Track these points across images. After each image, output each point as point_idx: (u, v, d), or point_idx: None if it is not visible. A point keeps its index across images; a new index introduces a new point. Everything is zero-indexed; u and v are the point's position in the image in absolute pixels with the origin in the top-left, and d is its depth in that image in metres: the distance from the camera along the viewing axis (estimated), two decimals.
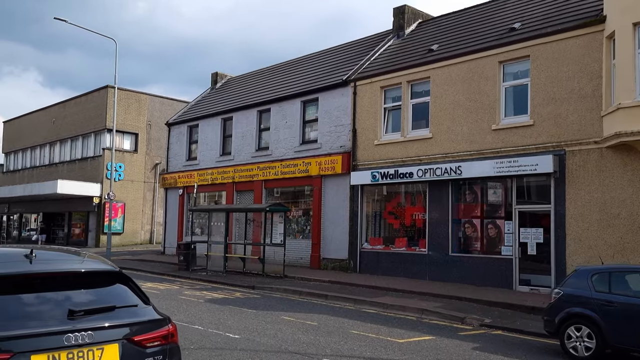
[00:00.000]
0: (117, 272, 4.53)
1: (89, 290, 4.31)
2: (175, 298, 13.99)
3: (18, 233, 46.07)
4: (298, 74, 23.86)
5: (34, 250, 4.46)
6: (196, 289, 16.01)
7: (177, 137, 28.20)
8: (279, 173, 21.94)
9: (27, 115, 47.31)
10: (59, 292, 4.12)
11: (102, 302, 4.13)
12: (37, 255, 4.41)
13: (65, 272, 4.29)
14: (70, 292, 4.18)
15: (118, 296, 4.32)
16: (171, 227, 27.82)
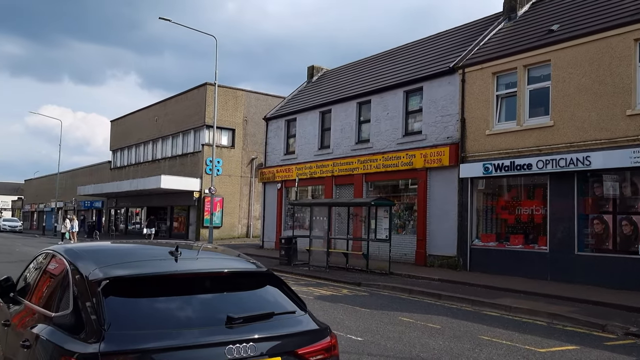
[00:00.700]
0: (268, 272, 4.04)
1: (239, 293, 3.84)
2: None
3: (125, 226, 48.60)
4: (399, 63, 22.98)
5: (179, 247, 4.06)
6: (301, 285, 15.67)
7: (274, 131, 28.23)
8: (380, 166, 21.23)
9: (131, 114, 49.75)
10: (208, 295, 3.68)
11: (258, 308, 3.64)
12: (182, 253, 4.01)
13: (215, 273, 3.84)
14: (221, 294, 3.72)
15: (272, 301, 3.82)
16: (269, 221, 27.92)
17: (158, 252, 4.39)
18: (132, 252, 4.46)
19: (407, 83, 20.72)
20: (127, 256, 4.13)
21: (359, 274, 17.90)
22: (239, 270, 4.03)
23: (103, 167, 55.28)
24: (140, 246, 4.90)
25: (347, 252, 19.25)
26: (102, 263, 3.74)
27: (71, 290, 3.58)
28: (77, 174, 62.34)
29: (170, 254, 3.99)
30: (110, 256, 4.09)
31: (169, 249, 4.15)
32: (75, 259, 3.97)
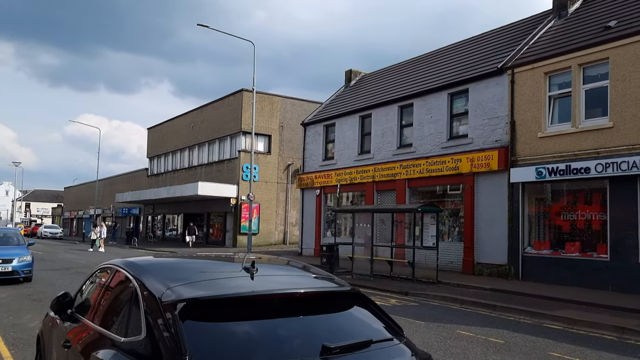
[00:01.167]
0: (356, 291, 3.58)
1: (327, 316, 3.38)
2: None
3: (162, 233, 48.94)
4: (443, 65, 22.34)
5: (255, 262, 3.64)
6: None
7: (312, 136, 27.87)
8: (424, 171, 20.61)
9: (168, 121, 50.17)
10: (293, 318, 3.23)
11: (351, 334, 3.17)
12: (258, 269, 3.58)
13: (300, 293, 3.38)
14: (307, 318, 3.27)
15: (365, 325, 3.35)
16: (308, 228, 27.52)
17: (230, 268, 3.98)
18: (202, 268, 4.05)
19: (452, 85, 20.07)
20: (198, 273, 3.73)
21: (405, 282, 17.31)
22: (327, 290, 3.57)
23: (140, 175, 55.91)
24: (206, 261, 4.50)
25: (391, 259, 18.67)
26: (173, 281, 3.34)
27: (142, 313, 3.18)
28: (114, 181, 63.28)
29: (245, 270, 3.57)
30: (179, 273, 3.69)
31: (241, 265, 3.73)
32: (141, 275, 3.59)
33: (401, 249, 19.84)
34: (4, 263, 15.17)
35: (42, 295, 13.45)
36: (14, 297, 13.12)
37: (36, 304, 12.00)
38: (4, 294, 13.62)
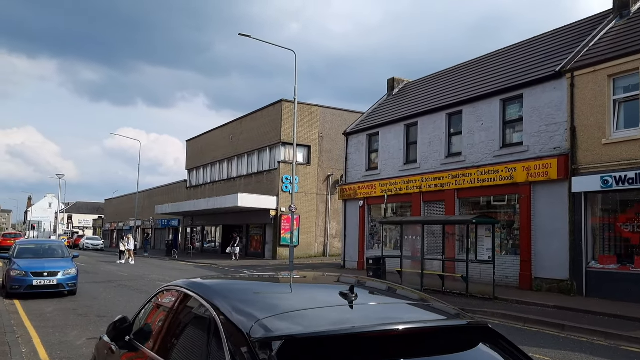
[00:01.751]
0: (484, 325, 2.89)
1: (450, 357, 2.71)
2: None
3: (200, 245, 48.91)
4: (493, 70, 21.43)
5: (355, 286, 2.99)
6: None
7: (355, 146, 27.22)
8: (475, 181, 19.70)
9: (206, 133, 50.33)
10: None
11: None
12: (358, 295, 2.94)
13: (415, 329, 2.70)
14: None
15: None
16: (351, 240, 26.79)
17: (323, 294, 3.34)
18: (286, 292, 3.42)
19: (504, 91, 19.16)
20: (285, 300, 3.11)
21: (459, 298, 16.40)
22: (448, 325, 2.90)
23: (179, 187, 56.23)
24: (286, 283, 3.88)
25: (443, 274, 17.79)
26: (260, 310, 2.72)
27: (225, 351, 2.57)
28: (153, 193, 63.88)
29: (342, 296, 2.93)
30: (262, 299, 3.08)
31: (337, 289, 3.09)
32: (216, 300, 2.99)
33: (450, 263, 18.95)
34: (50, 276, 14.94)
35: (87, 310, 13.11)
36: (59, 311, 12.82)
37: (82, 320, 11.64)
38: (49, 307, 13.34)
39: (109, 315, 12.24)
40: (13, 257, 15.77)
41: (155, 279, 21.59)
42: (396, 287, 3.65)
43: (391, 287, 3.66)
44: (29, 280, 14.69)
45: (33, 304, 13.97)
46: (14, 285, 14.71)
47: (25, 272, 14.76)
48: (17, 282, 14.68)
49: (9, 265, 15.49)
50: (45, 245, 17.39)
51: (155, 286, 18.87)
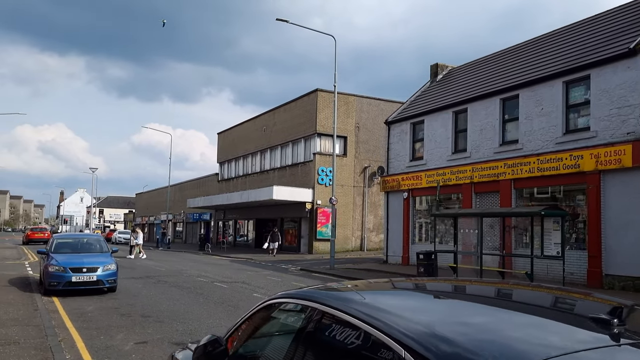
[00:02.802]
0: None
1: None
2: None
3: (233, 239, 48.24)
4: (554, 50, 19.92)
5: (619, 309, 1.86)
6: None
7: (398, 136, 25.96)
8: (534, 170, 18.31)
9: (238, 126, 49.57)
10: None
11: None
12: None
13: None
14: None
15: None
16: (394, 234, 25.60)
17: (570, 324, 2.18)
18: (503, 317, 2.27)
19: (568, 72, 17.69)
20: (511, 330, 2.00)
21: None
22: None
23: (210, 180, 55.68)
24: (479, 297, 2.76)
25: (503, 270, 16.50)
26: (464, 342, 1.64)
27: None
28: (184, 187, 63.54)
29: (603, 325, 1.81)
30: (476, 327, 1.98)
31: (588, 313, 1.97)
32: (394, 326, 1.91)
33: (508, 259, 17.65)
34: (89, 272, 14.14)
35: (130, 308, 12.25)
36: (100, 310, 11.98)
37: (126, 320, 10.75)
38: (89, 306, 12.53)
39: (154, 315, 11.35)
40: (50, 252, 15.03)
41: (194, 275, 20.76)
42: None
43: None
44: (68, 277, 13.91)
45: (72, 301, 13.19)
46: (52, 282, 13.95)
47: (64, 268, 13.98)
48: (56, 279, 13.92)
49: (46, 260, 14.74)
50: (83, 240, 16.63)
51: (196, 282, 18.02)
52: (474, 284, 3.42)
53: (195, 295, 14.58)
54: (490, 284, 3.42)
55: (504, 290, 2.92)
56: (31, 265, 23.82)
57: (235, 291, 15.68)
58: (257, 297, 14.31)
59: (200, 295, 14.71)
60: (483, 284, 3.58)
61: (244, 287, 16.90)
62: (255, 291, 15.80)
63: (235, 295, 14.66)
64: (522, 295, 2.74)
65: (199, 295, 14.60)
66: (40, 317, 10.84)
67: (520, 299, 2.66)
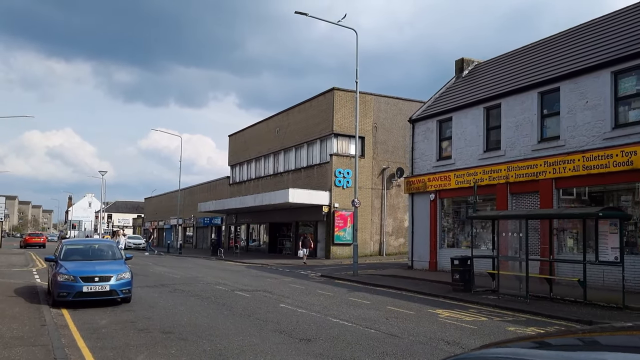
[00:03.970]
0: None
1: None
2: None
3: (245, 243, 46.96)
4: (598, 40, 18.55)
5: None
6: (507, 321, 11.83)
7: (423, 134, 24.62)
8: (579, 168, 16.92)
9: (250, 127, 48.39)
10: None
11: None
12: None
13: None
14: None
15: None
16: (420, 238, 24.23)
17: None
18: None
19: (616, 61, 16.33)
20: None
21: (574, 306, 13.76)
22: None
23: (221, 183, 54.51)
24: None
25: (551, 277, 15.11)
26: None
27: None
28: (194, 190, 62.40)
29: None
30: None
31: None
32: None
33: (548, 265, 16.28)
34: (101, 281, 12.89)
35: (148, 322, 10.98)
36: (115, 325, 10.71)
37: (145, 337, 9.47)
38: (103, 320, 11.27)
39: (176, 331, 10.07)
40: (59, 260, 13.78)
41: (211, 282, 19.50)
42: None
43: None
44: (79, 287, 12.66)
45: (84, 314, 11.94)
46: (61, 292, 12.70)
47: (74, 277, 12.73)
48: (65, 289, 12.66)
49: (55, 268, 13.50)
50: (95, 246, 15.36)
51: (215, 291, 16.74)
52: None
53: (217, 306, 13.30)
54: None
55: None
56: (39, 273, 22.63)
57: (260, 301, 14.39)
58: (284, 309, 13.03)
59: (223, 306, 13.43)
60: None
61: (267, 296, 15.61)
62: (280, 301, 14.51)
63: (261, 306, 13.37)
64: None
65: (221, 306, 13.32)
66: (48, 334, 9.59)
67: None
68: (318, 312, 12.56)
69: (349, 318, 11.82)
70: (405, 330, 10.55)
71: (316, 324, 11.03)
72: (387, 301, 15.06)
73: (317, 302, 14.51)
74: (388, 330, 10.51)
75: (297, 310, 12.87)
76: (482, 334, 10.30)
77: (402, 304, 14.53)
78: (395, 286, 18.84)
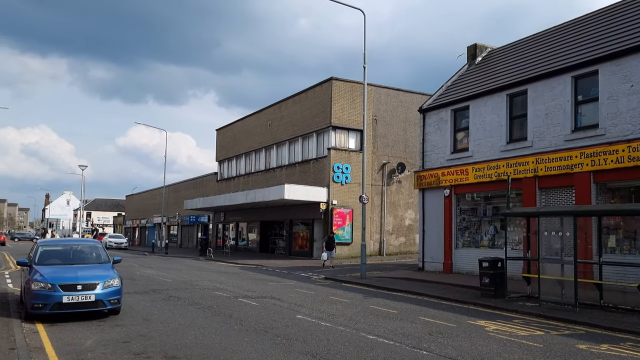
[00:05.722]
0: None
1: None
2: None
3: (235, 243, 44.72)
4: (638, 16, 16.83)
5: None
6: (572, 336, 9.96)
7: (435, 125, 22.73)
8: (623, 159, 15.17)
9: (239, 121, 46.21)
10: None
11: None
12: None
13: None
14: None
15: None
16: (433, 238, 22.35)
17: None
18: None
19: None
20: None
21: (633, 316, 12.00)
22: None
23: (208, 180, 52.16)
24: None
25: (602, 282, 13.29)
26: None
27: None
28: (179, 187, 59.93)
29: None
30: None
31: None
32: None
33: (586, 267, 14.54)
34: (85, 290, 10.71)
35: (144, 342, 8.86)
36: (104, 346, 8.57)
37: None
38: (88, 339, 9.12)
39: (181, 354, 7.98)
40: (34, 264, 11.54)
41: (208, 287, 17.37)
42: None
43: None
44: (57, 297, 10.47)
45: (64, 330, 9.79)
46: (36, 304, 10.49)
47: (52, 285, 10.53)
48: (41, 300, 10.45)
49: (28, 274, 11.27)
50: (77, 247, 13.07)
51: (216, 298, 14.63)
52: None
53: (224, 319, 11.23)
54: None
55: None
56: (12, 277, 20.26)
57: (271, 311, 12.34)
58: (303, 321, 11.02)
59: (230, 318, 11.36)
60: None
61: (277, 304, 13.57)
62: (295, 310, 12.49)
63: (276, 319, 11.33)
64: None
65: (228, 319, 11.25)
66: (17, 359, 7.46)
67: None
68: (345, 326, 10.57)
69: (385, 334, 9.86)
70: (462, 350, 8.62)
71: (351, 342, 9.04)
72: (415, 310, 13.14)
73: (337, 311, 12.53)
74: (441, 351, 8.57)
75: (320, 323, 10.86)
76: (554, 355, 8.43)
77: (434, 313, 12.62)
78: (412, 290, 16.93)
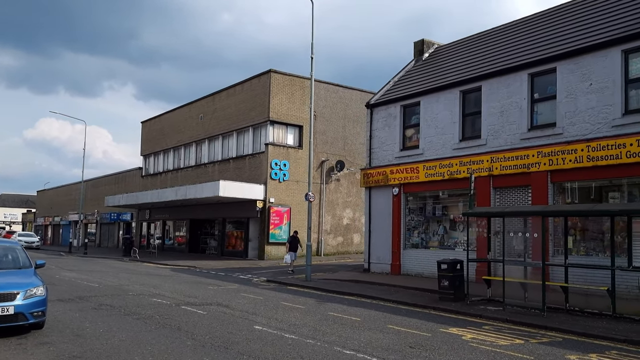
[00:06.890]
0: None
1: None
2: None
3: (161, 242, 42.17)
4: (603, 15, 16.68)
5: None
6: (555, 344, 9.30)
7: (384, 120, 21.95)
8: (582, 159, 14.94)
9: (167, 113, 43.73)
10: None
11: None
12: None
13: None
14: None
15: None
16: (380, 238, 21.55)
17: None
18: None
19: (627, 39, 14.48)
20: None
21: (602, 321, 11.63)
22: None
23: (131, 175, 49.11)
24: None
25: (568, 285, 12.88)
26: None
27: None
28: (99, 183, 56.21)
29: None
30: None
31: None
32: None
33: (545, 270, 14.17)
34: (1, 301, 8.83)
35: None
36: None
37: None
38: None
39: None
40: None
41: (143, 293, 15.54)
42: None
43: None
44: None
45: None
46: None
47: None
48: None
49: None
50: None
51: (155, 306, 12.92)
52: None
53: (172, 332, 9.67)
54: None
55: None
56: None
57: (224, 321, 10.89)
58: (264, 333, 9.69)
59: (179, 330, 9.82)
60: None
61: (227, 312, 12.12)
62: (249, 319, 11.12)
63: (232, 330, 9.92)
64: None
65: (176, 332, 9.71)
66: None
67: None
68: (314, 339, 9.35)
69: (362, 348, 8.74)
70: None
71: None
72: (377, 316, 12.13)
73: (296, 320, 11.28)
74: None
75: (284, 335, 9.58)
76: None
77: (400, 320, 11.67)
78: (364, 294, 15.98)
